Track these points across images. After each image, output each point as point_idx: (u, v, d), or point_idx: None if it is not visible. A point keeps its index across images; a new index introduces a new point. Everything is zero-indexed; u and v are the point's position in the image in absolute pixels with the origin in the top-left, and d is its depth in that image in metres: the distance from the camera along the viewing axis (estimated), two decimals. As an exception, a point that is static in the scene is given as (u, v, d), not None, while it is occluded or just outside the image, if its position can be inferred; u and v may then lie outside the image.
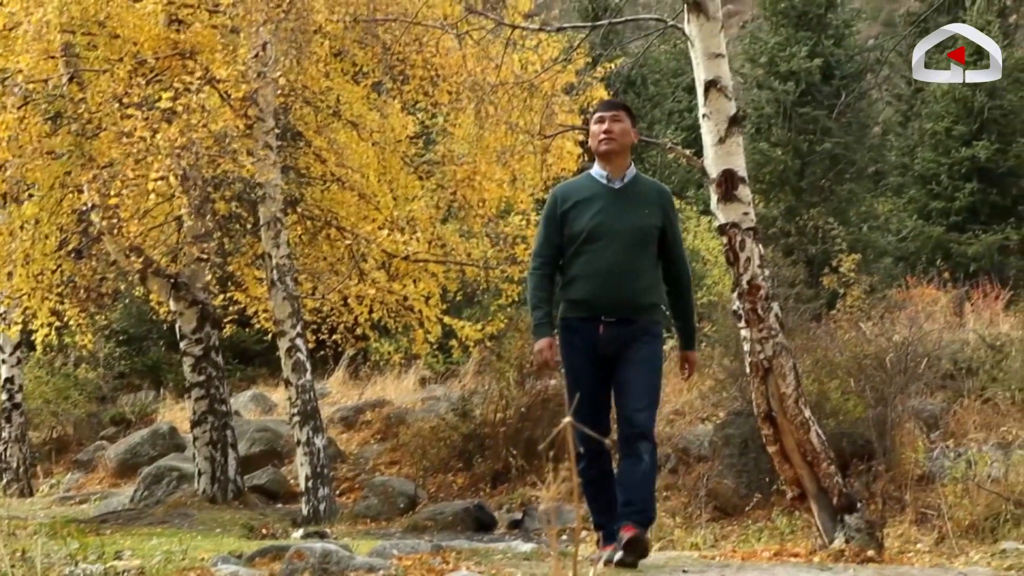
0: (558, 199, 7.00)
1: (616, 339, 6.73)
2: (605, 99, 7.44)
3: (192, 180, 14.10)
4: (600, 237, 6.77)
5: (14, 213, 15.15)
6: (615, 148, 6.91)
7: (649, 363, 6.77)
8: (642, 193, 6.95)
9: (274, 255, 14.86)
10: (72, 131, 14.19)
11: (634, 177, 7.01)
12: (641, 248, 6.80)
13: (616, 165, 6.95)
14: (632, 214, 6.83)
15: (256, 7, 13.69)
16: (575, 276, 6.84)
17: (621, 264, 6.73)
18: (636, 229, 6.79)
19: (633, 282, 6.75)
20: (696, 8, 8.66)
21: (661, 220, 6.89)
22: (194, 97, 13.33)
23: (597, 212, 6.82)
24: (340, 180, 16.57)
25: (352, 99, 16.41)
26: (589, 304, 6.77)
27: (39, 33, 13.01)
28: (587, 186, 6.99)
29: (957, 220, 26.92)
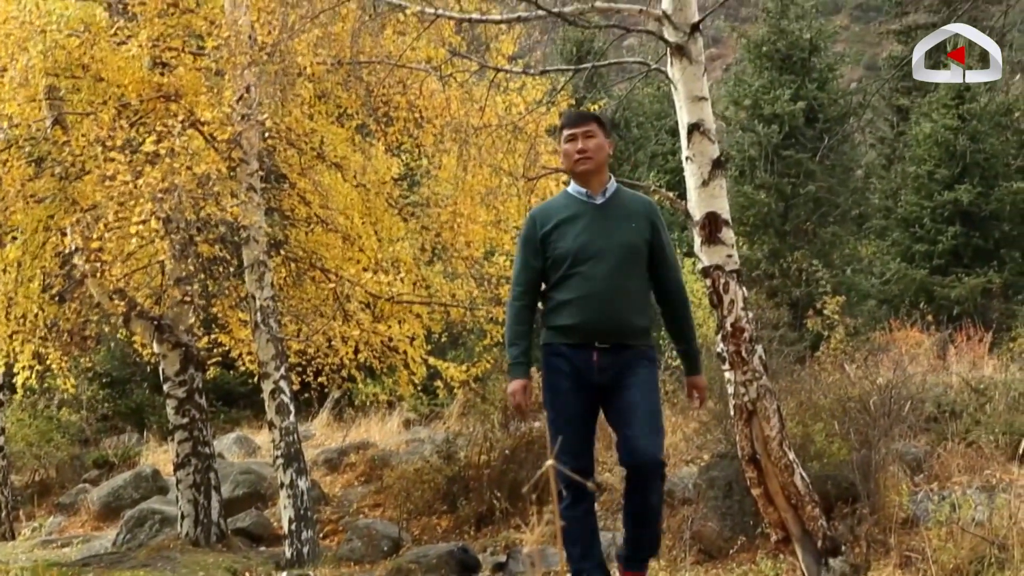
0: (537, 221, 6.52)
1: (611, 366, 6.26)
2: (571, 112, 6.83)
3: (175, 223, 14.10)
4: (588, 258, 6.30)
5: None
6: (591, 168, 6.48)
7: (650, 387, 6.33)
8: (627, 207, 6.50)
9: (258, 297, 14.83)
10: (55, 174, 14.18)
11: (616, 191, 6.56)
12: (632, 267, 6.36)
13: (595, 181, 6.51)
14: (619, 230, 6.38)
15: (240, 50, 13.72)
16: (563, 301, 6.34)
17: (613, 285, 6.27)
18: (625, 246, 6.34)
19: (627, 304, 6.31)
20: (679, 52, 8.69)
21: (649, 234, 6.43)
22: (177, 140, 13.33)
23: (582, 231, 6.36)
24: (324, 222, 16.57)
25: (336, 141, 16.43)
26: (581, 330, 6.28)
27: (25, 78, 13.02)
28: (567, 204, 6.52)
29: (940, 263, 27.00)
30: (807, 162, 26.49)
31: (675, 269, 6.62)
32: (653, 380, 6.40)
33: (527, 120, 13.67)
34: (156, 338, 15.82)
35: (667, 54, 8.87)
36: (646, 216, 6.48)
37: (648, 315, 6.45)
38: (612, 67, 16.00)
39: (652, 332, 6.52)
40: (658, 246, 6.47)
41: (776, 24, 27.96)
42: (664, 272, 6.52)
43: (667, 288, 6.57)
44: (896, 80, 35.28)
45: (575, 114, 6.71)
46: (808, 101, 26.97)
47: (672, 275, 6.57)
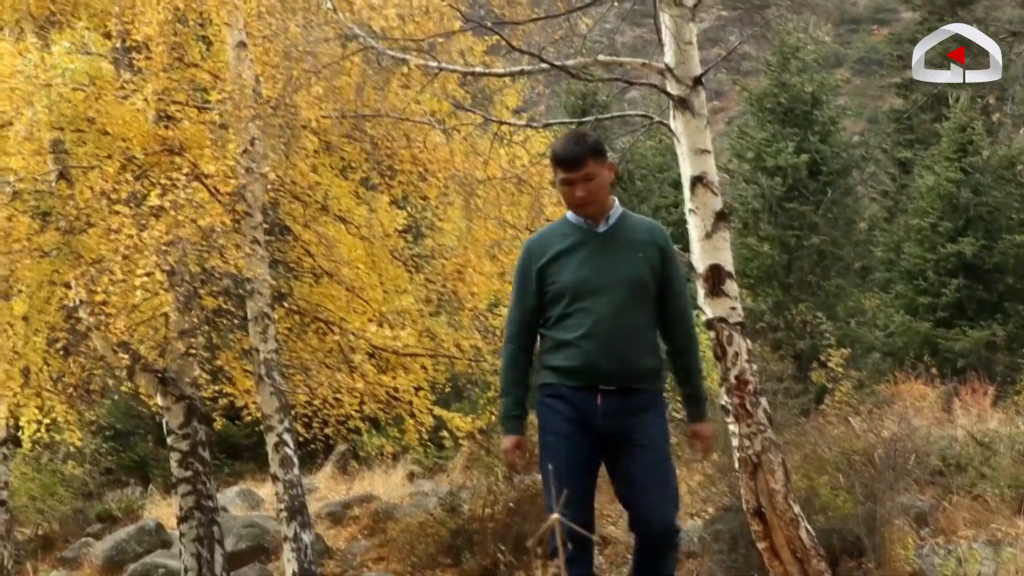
0: (532, 253, 5.87)
1: (617, 412, 5.67)
2: (563, 147, 5.81)
3: (179, 276, 14.12)
4: (589, 293, 5.67)
5: (3, 311, 15.12)
6: (593, 212, 5.83)
7: (661, 445, 5.77)
8: (633, 235, 5.83)
9: (261, 350, 14.82)
10: (60, 228, 14.22)
11: (620, 216, 5.88)
12: (639, 302, 5.73)
13: (597, 211, 5.86)
14: (624, 262, 5.74)
15: (244, 103, 13.80)
16: (563, 341, 5.72)
17: (619, 323, 5.64)
18: (630, 279, 5.71)
19: (634, 344, 5.70)
20: (682, 105, 8.73)
21: (659, 263, 5.80)
22: (181, 193, 13.38)
23: (582, 264, 5.72)
24: (329, 274, 16.59)
25: (340, 194, 16.48)
26: (583, 373, 5.67)
27: (30, 132, 13.08)
28: (565, 233, 5.85)
29: (944, 316, 26.98)
30: (810, 214, 26.55)
31: (683, 301, 5.96)
32: (664, 433, 5.84)
33: (531, 172, 13.72)
34: (160, 391, 15.81)
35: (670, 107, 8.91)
36: (654, 244, 5.83)
37: (659, 355, 5.87)
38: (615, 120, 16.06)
39: (663, 374, 5.96)
40: (666, 276, 5.83)
41: (778, 77, 28.08)
42: (671, 304, 5.87)
43: (673, 322, 5.91)
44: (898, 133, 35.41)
45: (568, 152, 5.79)
46: (811, 154, 27.04)
47: (679, 307, 5.92)
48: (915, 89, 35.39)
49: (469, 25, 11.55)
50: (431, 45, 11.56)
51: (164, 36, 13.99)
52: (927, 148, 32.29)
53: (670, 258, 5.88)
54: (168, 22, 13.96)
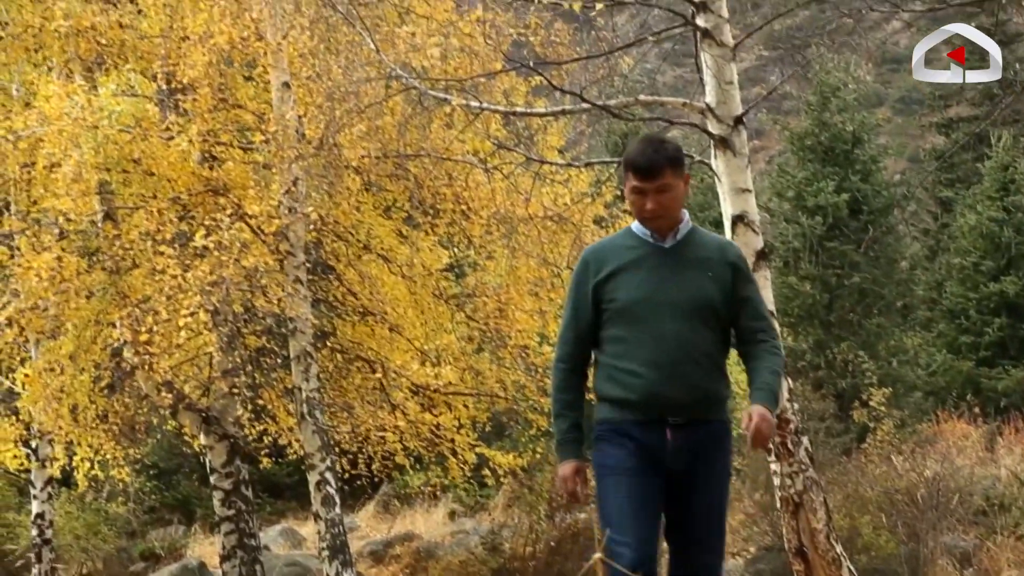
0: (590, 265, 5.27)
1: (688, 448, 5.11)
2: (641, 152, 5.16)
3: (223, 315, 14.23)
4: (651, 313, 5.09)
5: (52, 350, 15.25)
6: (662, 225, 5.22)
7: (722, 488, 5.28)
8: (702, 251, 5.24)
9: (304, 389, 14.88)
10: (106, 268, 14.36)
11: (690, 232, 5.27)
12: (705, 324, 5.13)
13: (665, 224, 5.24)
14: (691, 280, 5.15)
15: (288, 144, 13.93)
16: (621, 369, 5.11)
17: (682, 346, 5.06)
18: (697, 299, 5.12)
19: (701, 369, 5.10)
20: (723, 144, 8.79)
21: (729, 283, 5.19)
22: (225, 233, 13.50)
23: (644, 281, 5.13)
24: (371, 313, 16.66)
25: (383, 232, 16.57)
26: (649, 404, 5.06)
27: (78, 173, 13.22)
28: (628, 246, 5.25)
29: (986, 355, 26.82)
30: (851, 253, 26.48)
31: (760, 316, 5.33)
32: (727, 471, 5.37)
33: (572, 211, 13.79)
34: (203, 430, 15.89)
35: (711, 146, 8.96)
36: (726, 262, 5.23)
37: (727, 382, 5.29)
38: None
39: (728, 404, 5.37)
40: (742, 299, 5.23)
41: (818, 117, 28.08)
42: (748, 324, 5.27)
43: (751, 342, 5.29)
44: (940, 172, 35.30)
45: (644, 159, 5.15)
46: (852, 193, 27.00)
47: (758, 326, 5.29)
48: (957, 128, 35.30)
49: (511, 65, 11.65)
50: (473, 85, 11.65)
51: (209, 78, 14.15)
52: (969, 187, 32.19)
53: (744, 277, 5.28)
54: (213, 64, 14.13)
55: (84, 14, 14.32)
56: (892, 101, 69.28)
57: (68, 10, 14.28)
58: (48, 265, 13.70)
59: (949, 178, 35.60)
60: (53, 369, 14.91)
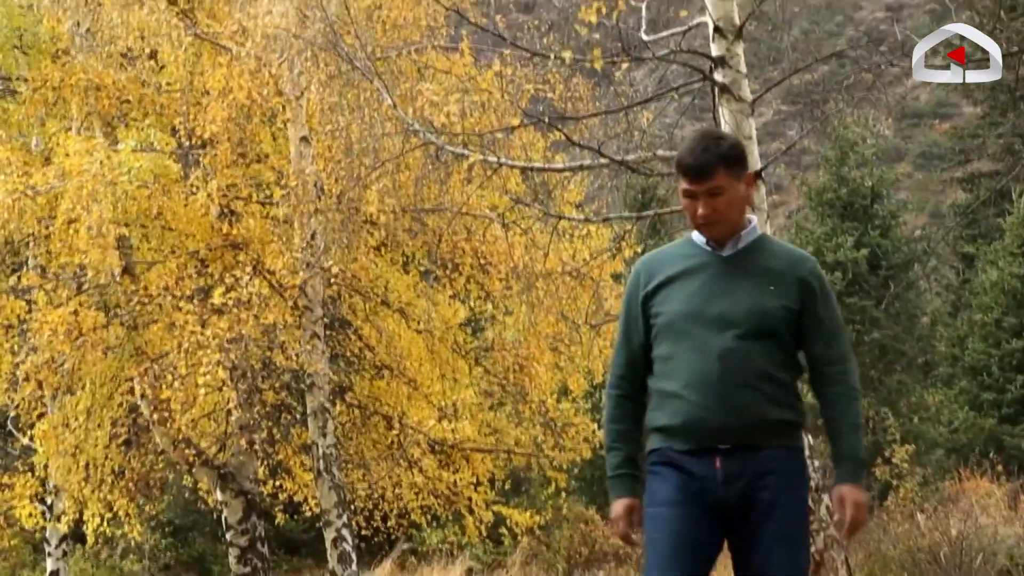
0: (641, 277, 4.75)
1: (739, 477, 4.52)
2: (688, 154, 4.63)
3: (241, 371, 14.20)
4: (699, 328, 4.55)
5: (67, 405, 15.22)
6: (720, 233, 4.66)
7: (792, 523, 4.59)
8: (767, 262, 4.66)
9: (321, 444, 14.83)
10: (123, 323, 14.35)
11: (756, 240, 4.71)
12: (763, 342, 4.55)
13: (725, 230, 4.68)
14: (747, 292, 4.58)
15: (307, 198, 13.95)
16: (666, 392, 4.60)
17: (735, 364, 4.50)
18: (756, 313, 4.54)
19: (753, 391, 4.51)
20: (742, 199, 8.73)
21: (798, 300, 4.61)
22: (244, 289, 13.50)
23: (695, 292, 4.60)
24: (389, 368, 16.62)
25: (401, 287, 16.56)
26: (693, 430, 4.54)
27: (97, 229, 13.25)
28: (684, 255, 4.72)
29: (1009, 412, 26.62)
30: (871, 309, 26.37)
31: (838, 347, 4.73)
32: (801, 507, 4.67)
33: (591, 266, 13.75)
34: (219, 486, 15.82)
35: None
36: (795, 276, 4.64)
37: (794, 407, 4.66)
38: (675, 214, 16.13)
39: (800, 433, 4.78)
40: (812, 316, 4.65)
41: (837, 172, 28.05)
42: (819, 350, 4.69)
43: (822, 371, 4.71)
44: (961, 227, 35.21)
45: (693, 159, 4.61)
46: (871, 248, 26.92)
47: (831, 354, 4.70)
48: (978, 183, 35.26)
49: (529, 120, 11.64)
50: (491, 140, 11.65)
51: (229, 133, 14.20)
52: (991, 242, 32.08)
53: (819, 296, 4.67)
54: (232, 119, 14.17)
55: (103, 70, 14.40)
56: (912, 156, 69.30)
57: (87, 65, 14.37)
58: (65, 320, 13.71)
59: (970, 233, 35.49)
60: (68, 425, 14.88)
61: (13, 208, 13.42)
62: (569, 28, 11.57)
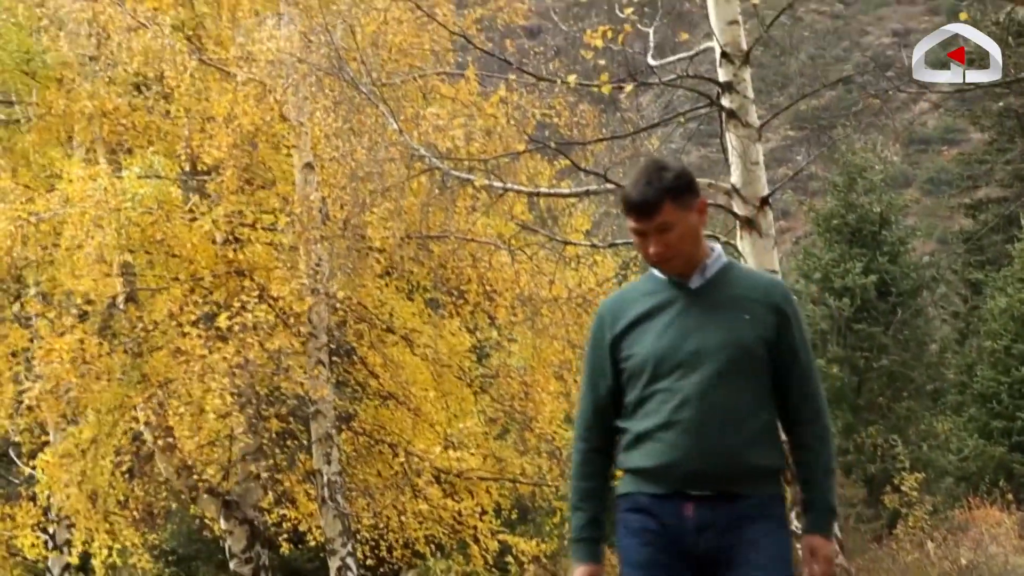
0: (605, 320, 4.41)
1: (714, 526, 4.19)
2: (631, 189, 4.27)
3: (246, 397, 14.12)
4: (674, 368, 4.21)
5: (73, 435, 15.12)
6: (678, 267, 4.31)
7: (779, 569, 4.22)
8: (738, 291, 4.33)
9: (325, 472, 14.73)
10: (128, 350, 14.28)
11: (723, 268, 4.37)
12: (742, 377, 4.22)
13: (686, 264, 4.33)
14: (723, 325, 4.24)
15: (312, 224, 13.88)
16: (640, 434, 4.25)
17: (709, 405, 4.17)
18: (730, 347, 4.21)
19: (734, 432, 4.18)
20: (748, 225, 8.66)
21: (772, 330, 4.27)
22: (250, 315, 13.44)
23: (665, 329, 4.26)
24: (394, 396, 16.53)
25: (406, 314, 16.48)
26: (666, 474, 4.20)
27: (100, 255, 13.20)
28: (649, 292, 4.37)
29: (1019, 440, 26.43)
30: (880, 336, 26.26)
31: (809, 380, 4.40)
32: (784, 556, 4.28)
33: (596, 292, 13.67)
34: (223, 514, 15.72)
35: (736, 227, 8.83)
36: (768, 304, 4.31)
37: (775, 448, 4.31)
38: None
39: (781, 475, 4.38)
40: (786, 347, 4.31)
41: (845, 198, 27.99)
42: (791, 382, 4.35)
43: (794, 406, 4.37)
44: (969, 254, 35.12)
45: (637, 195, 4.25)
46: (879, 274, 26.82)
47: (804, 388, 4.37)
48: (986, 210, 35.15)
49: (534, 146, 11.57)
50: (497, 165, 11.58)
51: (234, 159, 14.14)
52: (999, 269, 31.96)
53: (793, 325, 4.33)
54: (238, 145, 14.12)
55: (108, 96, 14.36)
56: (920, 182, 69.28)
57: (93, 92, 14.33)
58: (69, 347, 13.63)
59: (979, 260, 35.36)
60: (73, 454, 14.78)
61: (16, 235, 13.37)
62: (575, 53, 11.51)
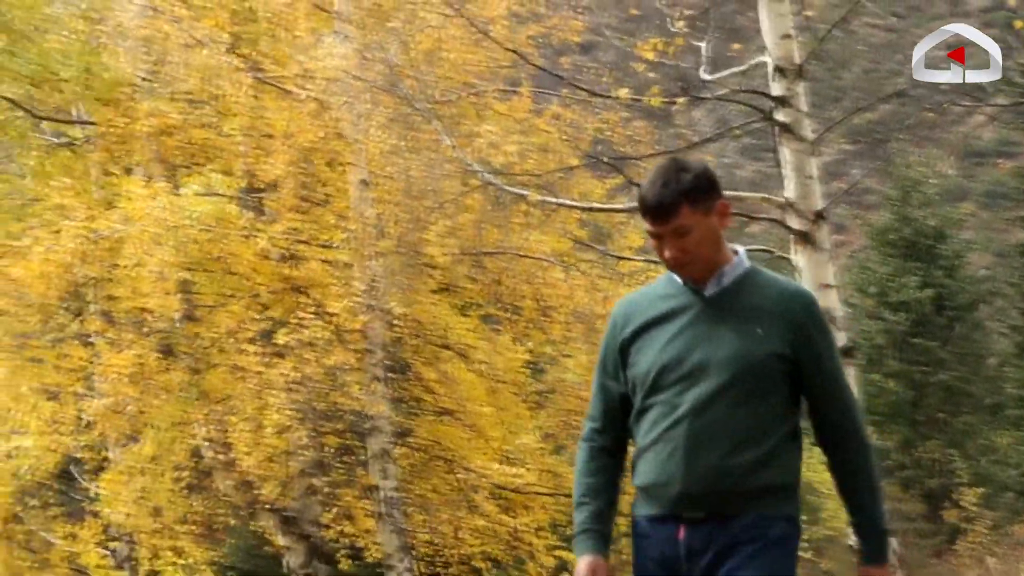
0: (618, 322, 4.16)
1: (703, 552, 3.91)
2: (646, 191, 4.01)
3: (304, 413, 14.20)
4: (676, 380, 3.96)
5: (133, 452, 15.25)
6: (695, 273, 4.03)
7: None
8: (754, 300, 4.01)
9: (382, 488, 14.78)
10: (186, 367, 14.40)
11: (744, 275, 4.07)
12: (750, 392, 3.92)
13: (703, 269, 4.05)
14: (733, 337, 3.95)
15: (367, 241, 13.96)
16: (640, 448, 4.04)
17: (703, 421, 3.91)
18: (736, 361, 3.92)
19: (731, 450, 3.90)
20: (804, 239, 8.66)
21: (789, 343, 3.95)
22: (307, 332, 13.53)
23: (673, 338, 4.00)
24: (450, 412, 16.56)
25: (461, 330, 16.52)
26: (657, 493, 3.99)
27: (160, 273, 13.32)
28: (663, 295, 4.11)
29: (1082, 454, 26.24)
30: (937, 350, 26.11)
31: (838, 394, 4.05)
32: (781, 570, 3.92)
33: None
34: (282, 530, 15.79)
35: (791, 241, 8.84)
36: (785, 316, 3.98)
37: (782, 470, 3.98)
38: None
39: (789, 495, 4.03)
40: (808, 360, 3.99)
41: (900, 211, 27.88)
42: (818, 398, 4.04)
43: (824, 423, 4.07)
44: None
45: (652, 197, 4.00)
46: (936, 288, 26.68)
47: (834, 403, 4.04)
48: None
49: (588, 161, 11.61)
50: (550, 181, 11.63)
51: (291, 176, 14.25)
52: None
53: (814, 334, 4.00)
54: (294, 162, 14.23)
55: (167, 114, 14.50)
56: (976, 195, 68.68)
57: (153, 109, 14.47)
58: (129, 364, 13.77)
59: (1037, 273, 35.09)
60: (134, 471, 14.91)
61: (78, 253, 13.53)
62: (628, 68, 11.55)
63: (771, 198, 9.50)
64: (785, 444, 3.99)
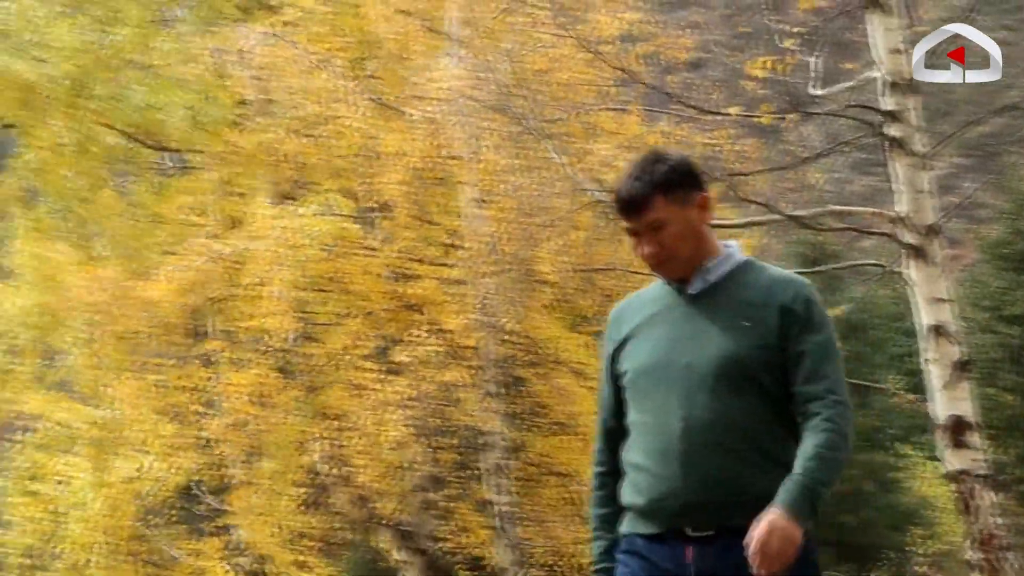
0: (611, 330, 3.93)
1: (721, 568, 3.55)
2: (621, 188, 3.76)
3: (419, 430, 14.40)
4: (660, 384, 3.66)
5: (255, 471, 15.47)
6: (676, 271, 3.76)
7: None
8: (742, 294, 3.71)
9: (496, 502, 14.91)
10: (303, 385, 14.65)
11: (734, 270, 3.78)
12: (738, 393, 3.60)
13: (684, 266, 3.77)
14: (718, 335, 3.64)
15: (481, 259, 14.13)
16: (633, 462, 3.71)
17: (703, 426, 3.57)
18: (722, 359, 3.60)
19: (730, 455, 3.57)
20: (916, 253, 8.70)
21: (775, 334, 3.62)
22: (421, 349, 13.72)
23: (659, 341, 3.72)
24: (563, 425, 16.66)
25: (572, 346, 16.63)
26: (659, 508, 3.62)
27: (281, 293, 13.58)
28: (652, 299, 3.87)
29: None
30: (1054, 365, 25.77)
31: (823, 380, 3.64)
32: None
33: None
34: (399, 545, 15.95)
35: (903, 255, 8.88)
36: (774, 305, 3.67)
37: (786, 466, 3.56)
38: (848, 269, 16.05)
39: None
40: (796, 354, 3.64)
41: (1014, 225, 27.55)
42: (801, 386, 3.63)
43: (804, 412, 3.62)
44: None
45: (624, 193, 3.75)
46: (1052, 302, 26.34)
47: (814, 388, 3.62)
48: None
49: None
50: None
51: (405, 195, 14.45)
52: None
53: (801, 325, 3.66)
54: (408, 181, 14.43)
55: (285, 136, 14.75)
56: (1092, 207, 67.39)
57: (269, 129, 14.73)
58: (250, 383, 14.04)
59: None
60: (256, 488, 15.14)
61: (203, 272, 13.84)
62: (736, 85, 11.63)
63: (882, 212, 9.54)
64: (786, 443, 3.64)
